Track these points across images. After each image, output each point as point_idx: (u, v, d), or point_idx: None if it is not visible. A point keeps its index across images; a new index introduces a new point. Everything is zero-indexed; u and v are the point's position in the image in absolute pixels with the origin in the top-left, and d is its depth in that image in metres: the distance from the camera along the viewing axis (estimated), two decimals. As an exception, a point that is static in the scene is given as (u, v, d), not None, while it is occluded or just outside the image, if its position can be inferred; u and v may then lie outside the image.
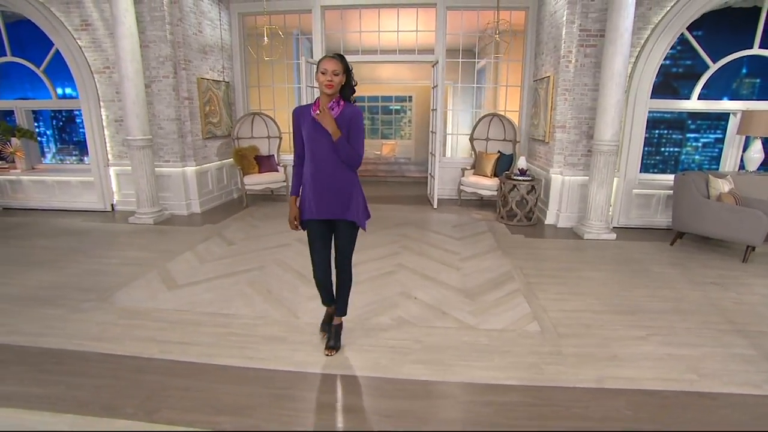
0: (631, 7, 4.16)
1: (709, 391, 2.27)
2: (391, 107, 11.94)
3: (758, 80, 6.22)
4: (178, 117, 5.50)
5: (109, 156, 5.78)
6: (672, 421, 2.04)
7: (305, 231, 2.42)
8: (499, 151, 6.41)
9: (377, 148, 11.57)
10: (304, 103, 9.00)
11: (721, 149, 5.72)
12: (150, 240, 4.63)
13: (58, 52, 5.59)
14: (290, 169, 6.73)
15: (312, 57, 6.13)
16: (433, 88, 6.56)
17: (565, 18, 4.77)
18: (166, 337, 2.68)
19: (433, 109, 6.66)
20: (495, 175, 6.21)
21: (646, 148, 5.23)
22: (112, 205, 5.90)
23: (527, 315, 3.04)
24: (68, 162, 8.09)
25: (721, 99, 5.33)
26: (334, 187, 2.26)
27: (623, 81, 4.37)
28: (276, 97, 7.05)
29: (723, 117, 5.78)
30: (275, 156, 6.63)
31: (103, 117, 5.68)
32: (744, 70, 4.98)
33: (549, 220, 5.38)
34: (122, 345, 2.60)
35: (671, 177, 5.08)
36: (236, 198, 6.76)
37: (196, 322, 2.87)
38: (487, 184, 6.07)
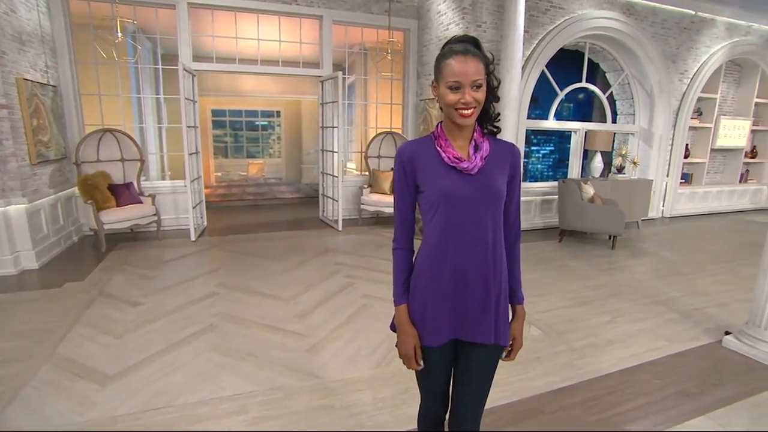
0: (521, 41, 5.14)
1: (680, 350, 3.07)
2: (257, 123, 11.06)
3: (571, 104, 8.41)
4: (-7, 134, 3.98)
5: None
6: (682, 378, 2.70)
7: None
8: (392, 168, 6.80)
9: (243, 169, 10.57)
10: (150, 117, 7.61)
11: (554, 159, 7.50)
12: (-8, 320, 3.22)
13: None
14: (160, 199, 5.72)
15: (180, 63, 5.30)
16: (322, 104, 6.54)
17: (461, 45, 5.50)
18: (169, 451, 2.00)
19: (322, 127, 6.63)
20: (393, 191, 6.58)
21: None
22: None
23: (522, 321, 3.43)
24: None
25: (547, 119, 7.00)
26: (485, 287, 1.31)
27: (518, 105, 5.34)
28: (110, 108, 5.78)
29: (554, 133, 7.59)
30: (134, 184, 5.44)
31: None
32: (564, 98, 6.65)
33: (457, 231, 6.05)
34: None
35: (543, 184, 6.42)
36: (78, 241, 5.25)
37: (196, 418, 2.22)
38: (389, 202, 6.36)
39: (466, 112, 1.22)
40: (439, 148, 1.30)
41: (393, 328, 1.44)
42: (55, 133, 4.94)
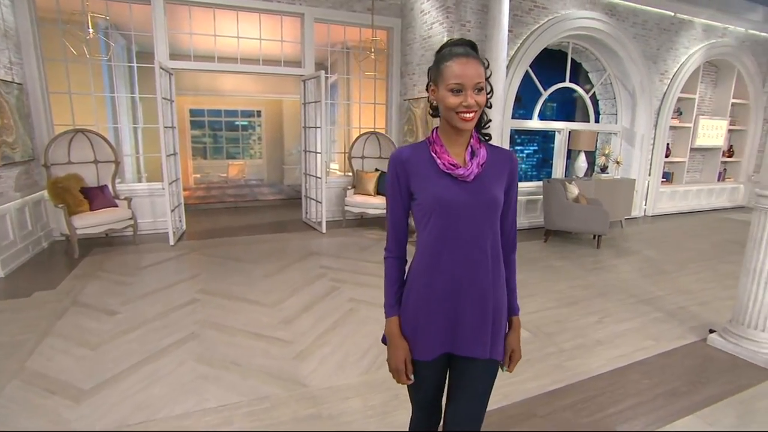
0: (505, 41, 5.18)
1: (666, 349, 3.13)
2: (236, 123, 10.82)
3: (555, 104, 8.53)
4: (-44, 135, 3.81)
5: None
6: (670, 377, 2.75)
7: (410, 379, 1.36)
8: (376, 169, 6.80)
9: (223, 170, 10.37)
10: (125, 117, 7.36)
11: (538, 159, 7.59)
12: (-45, 333, 3.07)
13: None
14: (136, 202, 5.56)
15: (156, 61, 5.18)
16: (304, 104, 6.48)
17: (445, 44, 5.52)
18: (149, 467, 1.93)
19: (305, 127, 6.58)
20: (378, 193, 6.56)
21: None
22: None
23: (511, 323, 3.45)
24: None
25: (531, 119, 7.10)
26: (482, 299, 1.28)
27: (503, 105, 5.39)
28: (82, 107, 5.60)
29: (538, 133, 7.67)
30: (109, 187, 5.28)
31: None
32: (547, 97, 6.74)
33: (443, 232, 6.06)
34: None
35: (528, 184, 6.49)
36: (48, 247, 5.07)
37: (180, 429, 2.16)
38: (374, 203, 6.36)
39: (467, 115, 1.18)
40: (434, 154, 1.26)
41: (384, 341, 1.41)
42: (22, 133, 4.76)
